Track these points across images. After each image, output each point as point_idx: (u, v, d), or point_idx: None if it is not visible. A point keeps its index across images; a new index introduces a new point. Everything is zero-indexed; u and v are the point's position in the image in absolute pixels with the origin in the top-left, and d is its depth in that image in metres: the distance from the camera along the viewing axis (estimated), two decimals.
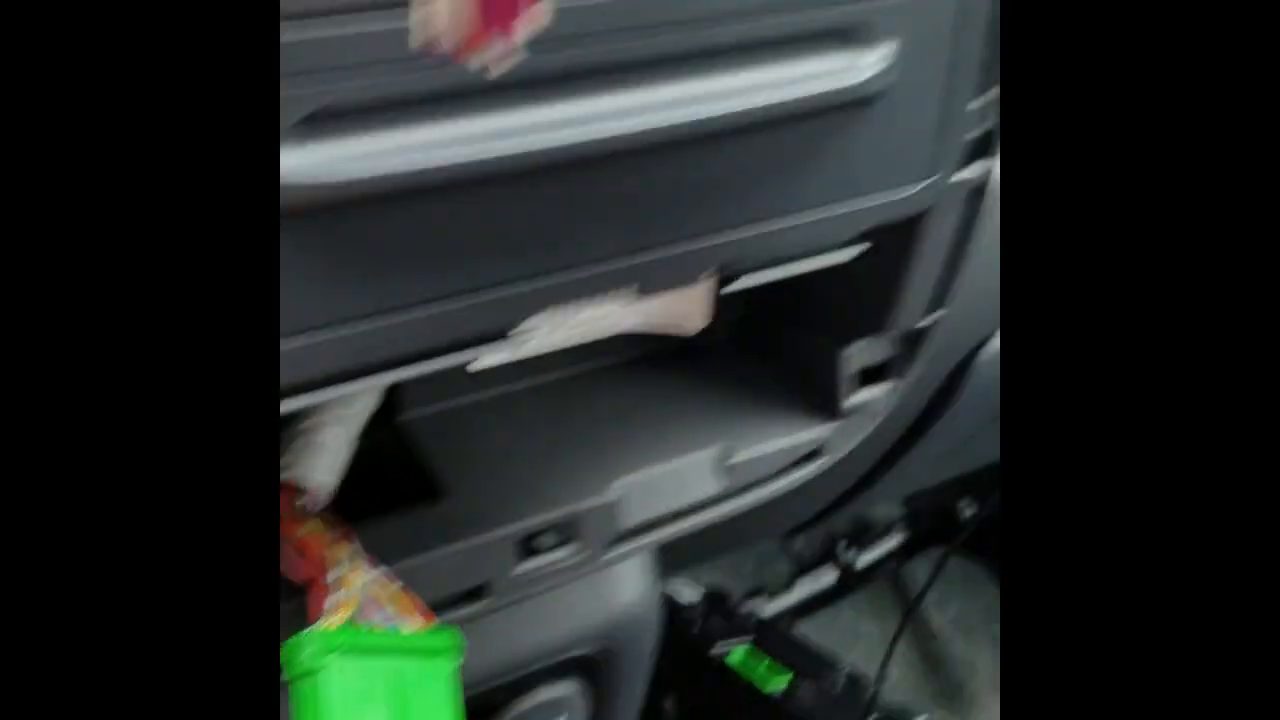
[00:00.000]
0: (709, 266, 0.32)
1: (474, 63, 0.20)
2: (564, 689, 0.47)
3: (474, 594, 0.38)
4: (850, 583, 1.12)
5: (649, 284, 0.31)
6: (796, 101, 0.30)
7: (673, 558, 0.53)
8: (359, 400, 0.39)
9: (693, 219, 0.30)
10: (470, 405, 0.43)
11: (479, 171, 0.25)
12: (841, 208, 0.33)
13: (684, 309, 0.45)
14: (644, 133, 0.28)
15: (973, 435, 0.57)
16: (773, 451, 0.43)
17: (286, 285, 0.24)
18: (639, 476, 0.41)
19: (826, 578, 1.12)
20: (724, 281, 0.35)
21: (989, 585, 1.14)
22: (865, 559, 1.13)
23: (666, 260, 0.31)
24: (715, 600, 0.95)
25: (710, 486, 0.42)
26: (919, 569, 1.15)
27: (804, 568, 1.12)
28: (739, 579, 1.11)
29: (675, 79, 0.28)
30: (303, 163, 0.23)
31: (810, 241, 0.33)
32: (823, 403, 0.44)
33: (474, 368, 0.42)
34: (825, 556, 1.12)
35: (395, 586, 0.35)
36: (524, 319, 0.30)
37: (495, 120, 0.25)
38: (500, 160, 0.25)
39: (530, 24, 0.20)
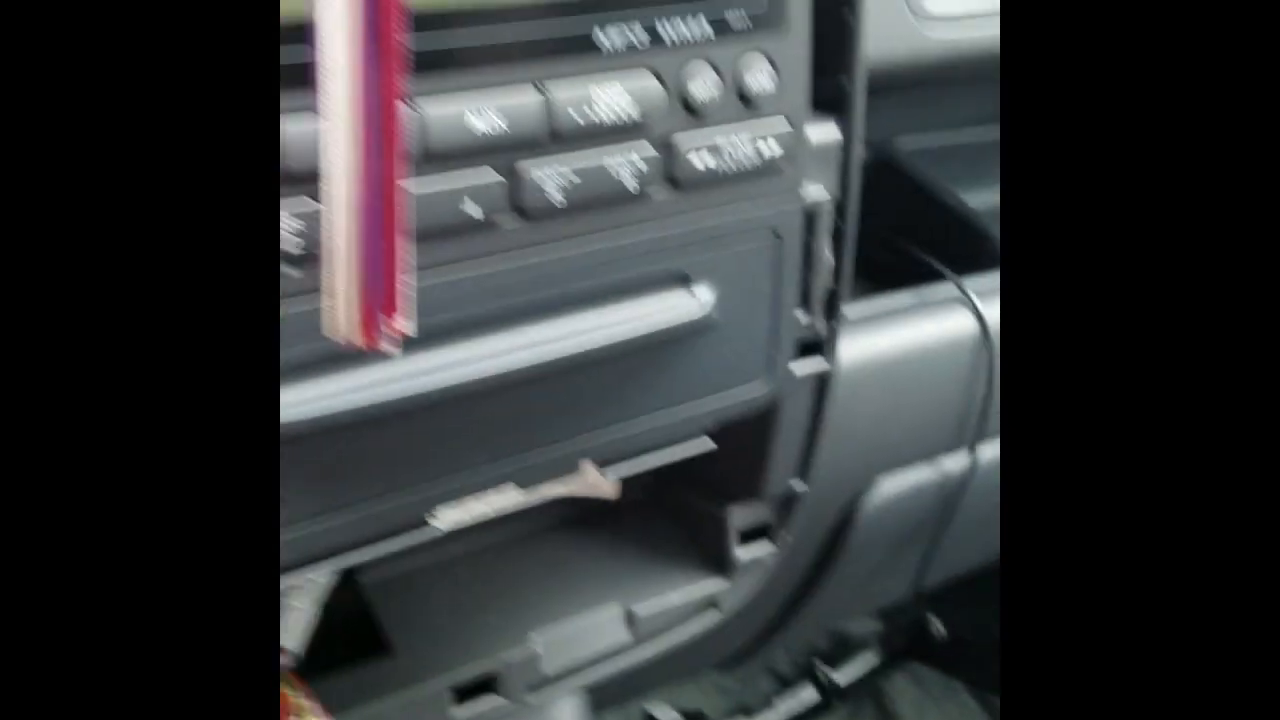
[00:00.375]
0: (574, 463, 0.40)
1: (370, 345, 0.28)
2: None
3: None
4: (831, 699, 1.16)
5: (530, 480, 0.39)
6: (649, 334, 0.38)
7: (618, 690, 0.60)
8: (318, 578, 0.46)
9: (563, 425, 0.39)
10: (418, 568, 0.51)
11: (391, 408, 0.34)
12: (689, 408, 0.41)
13: (600, 479, 0.53)
14: (517, 370, 0.36)
15: (878, 574, 0.64)
16: (674, 606, 0.50)
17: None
18: (557, 628, 0.49)
19: (807, 695, 1.15)
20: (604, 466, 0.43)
21: (967, 697, 1.17)
22: (845, 675, 1.17)
23: (544, 462, 0.39)
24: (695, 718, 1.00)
25: (620, 636, 0.50)
26: (899, 683, 1.19)
27: (785, 684, 1.16)
28: (721, 695, 1.15)
29: (548, 321, 0.37)
30: None
31: (668, 436, 0.42)
32: (716, 558, 0.51)
33: (421, 537, 0.50)
34: (805, 673, 1.16)
35: None
36: (431, 509, 0.38)
37: (399, 367, 0.34)
38: (405, 400, 0.34)
39: (402, 327, 0.28)
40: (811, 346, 0.45)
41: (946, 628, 1.06)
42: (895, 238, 0.57)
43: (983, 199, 0.60)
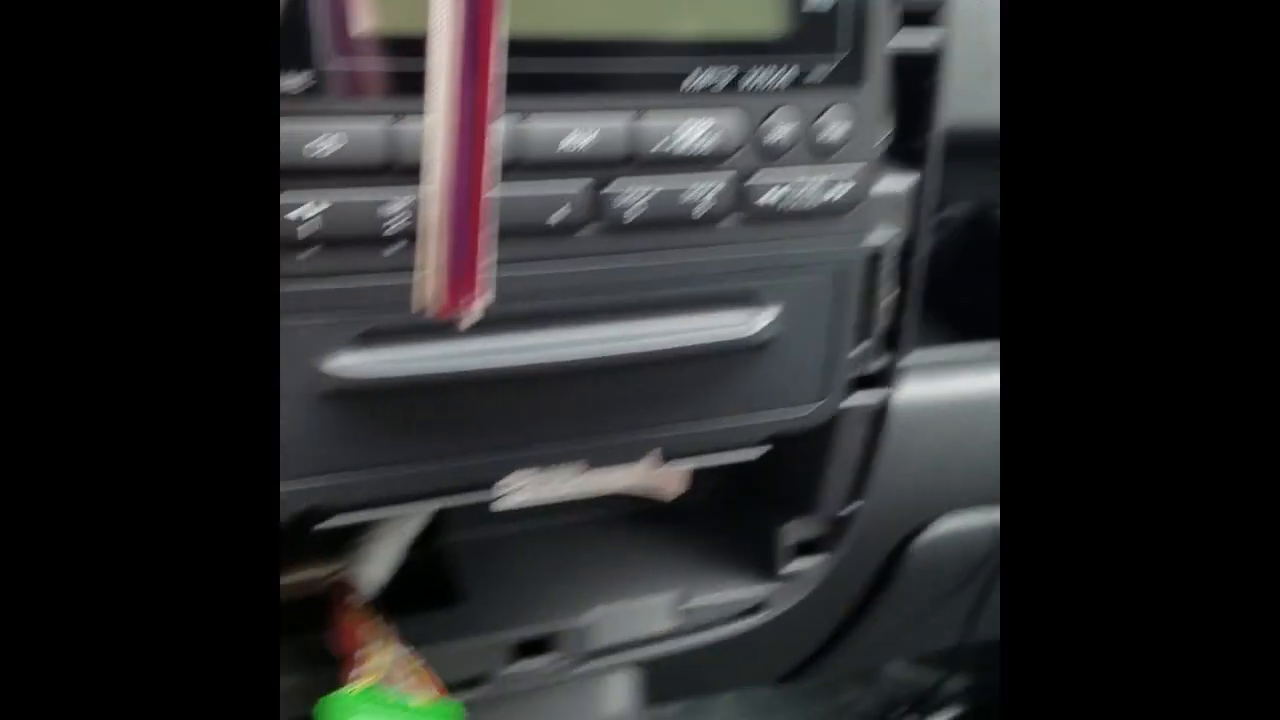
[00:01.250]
0: (641, 455, 0.45)
1: (451, 319, 0.33)
2: None
3: (476, 681, 0.51)
4: None
5: (597, 462, 0.44)
6: (705, 345, 0.43)
7: (667, 690, 0.64)
8: (406, 526, 0.52)
9: (629, 421, 0.44)
10: (493, 537, 0.57)
11: (470, 378, 0.39)
12: (744, 420, 0.45)
13: (663, 479, 0.57)
14: (593, 359, 0.41)
15: (929, 614, 0.66)
16: (723, 602, 0.54)
17: (339, 441, 0.39)
18: (612, 608, 0.53)
19: None
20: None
21: None
22: None
23: (608, 447, 0.44)
24: None
25: (668, 622, 0.54)
26: None
27: None
28: None
29: (616, 322, 0.42)
30: (354, 363, 0.38)
31: (723, 442, 0.46)
32: (765, 567, 0.55)
33: (498, 508, 0.56)
34: None
35: (418, 664, 0.48)
36: (499, 479, 0.43)
37: (481, 343, 0.39)
38: (484, 371, 0.39)
39: (483, 302, 0.33)
40: (868, 380, 0.48)
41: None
42: (982, 291, 0.59)
43: None
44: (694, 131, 0.39)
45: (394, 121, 0.35)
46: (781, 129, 0.40)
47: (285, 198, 0.35)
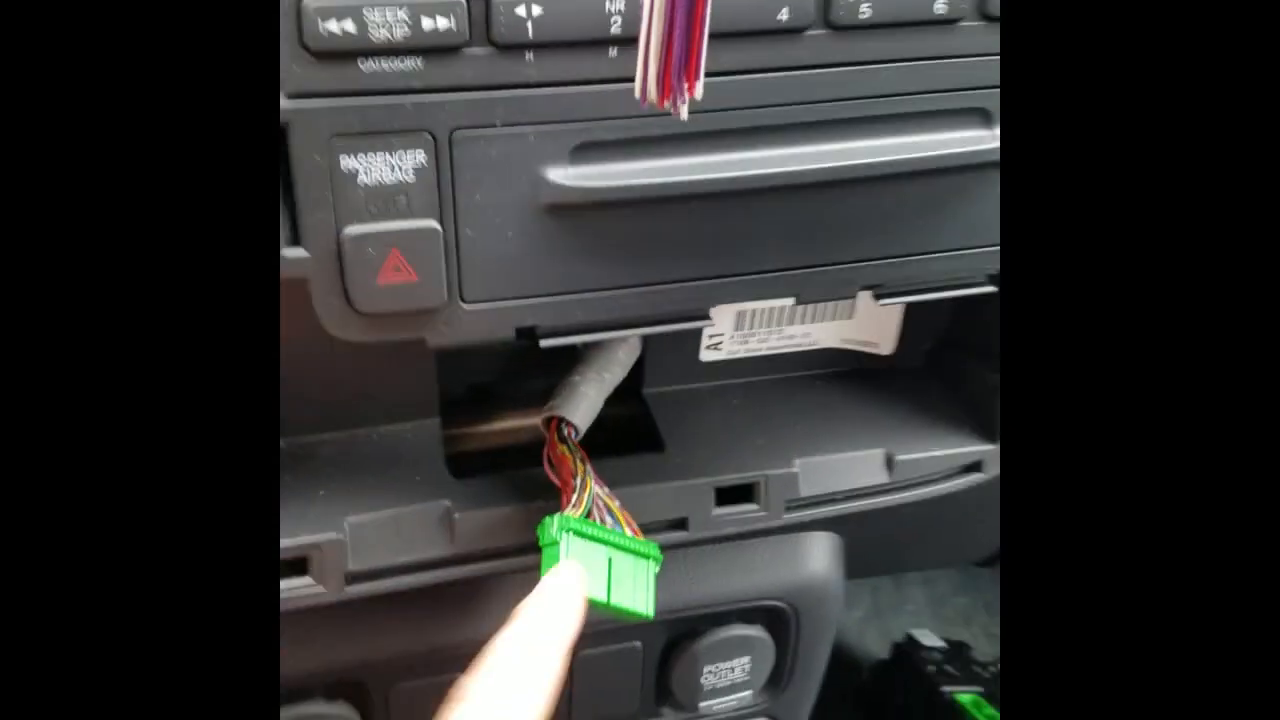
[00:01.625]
0: (855, 286, 0.43)
1: (669, 109, 0.32)
2: (753, 631, 0.58)
3: (677, 525, 0.51)
4: None
5: (806, 294, 0.43)
6: (936, 158, 0.40)
7: (862, 562, 0.62)
8: (613, 371, 0.52)
9: (845, 246, 0.42)
10: (697, 390, 0.56)
11: (678, 192, 0.38)
12: (967, 254, 0.43)
13: (875, 333, 0.55)
14: (814, 175, 0.39)
15: None
16: (936, 456, 0.52)
17: (560, 261, 0.38)
18: (817, 459, 0.52)
19: None
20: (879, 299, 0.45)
21: None
22: None
23: (819, 276, 0.42)
24: (957, 649, 1.00)
25: (878, 476, 0.52)
26: None
27: None
28: (988, 639, 1.14)
29: (841, 137, 0.40)
30: (569, 175, 0.37)
31: (942, 277, 0.43)
32: (986, 424, 0.52)
33: (708, 359, 0.55)
34: None
35: (617, 504, 0.48)
36: (711, 306, 0.42)
37: (692, 159, 0.38)
38: (692, 184, 0.38)
39: (699, 86, 0.32)
40: None
41: None
42: None
43: None
44: None
45: None
46: None
47: None
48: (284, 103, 0.34)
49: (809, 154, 0.39)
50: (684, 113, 0.31)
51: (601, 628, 0.55)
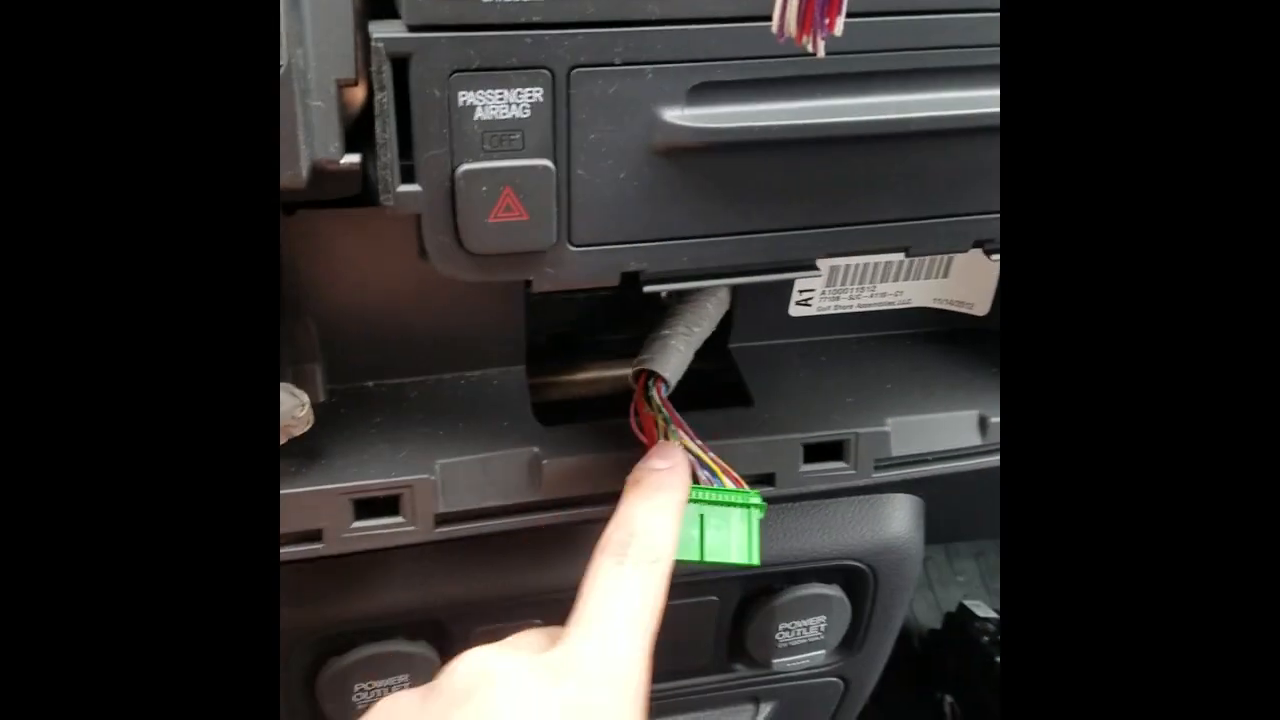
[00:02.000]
0: (969, 240, 0.42)
1: (806, 45, 0.31)
2: (830, 590, 0.58)
3: (764, 480, 0.50)
4: None
5: (918, 247, 0.41)
6: None
7: (948, 527, 0.62)
8: (702, 325, 0.52)
9: (956, 199, 0.40)
10: (784, 346, 0.55)
11: (797, 135, 0.37)
12: None
13: (970, 293, 0.54)
14: (925, 119, 0.38)
15: None
16: None
17: (670, 205, 0.38)
18: (909, 418, 0.51)
19: None
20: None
21: None
22: None
23: (932, 228, 0.41)
24: None
25: (971, 439, 0.51)
26: None
27: None
28: None
29: (954, 86, 0.38)
30: (686, 116, 0.36)
31: None
32: None
33: (797, 314, 0.54)
34: None
35: (710, 456, 0.48)
36: (819, 256, 0.41)
37: (812, 102, 0.37)
38: (812, 127, 0.37)
39: (840, 22, 0.31)
40: None
41: None
42: None
43: None
44: None
45: None
46: None
47: None
48: (405, 34, 0.33)
49: (931, 101, 0.38)
50: (821, 50, 0.30)
51: (680, 579, 0.54)
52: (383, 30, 0.33)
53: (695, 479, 0.45)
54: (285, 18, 0.32)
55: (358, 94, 0.35)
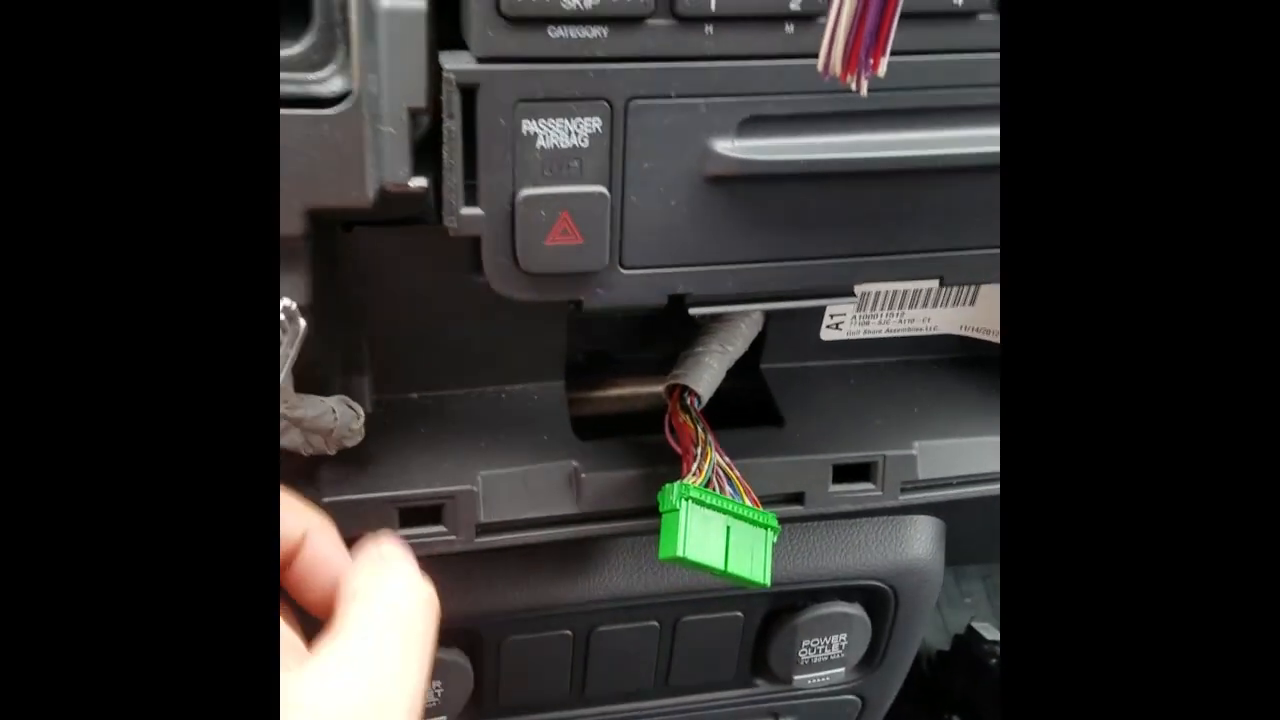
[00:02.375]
0: (997, 271, 0.43)
1: (850, 84, 0.33)
2: (852, 609, 0.59)
3: (793, 499, 0.52)
4: None
5: (951, 276, 0.43)
6: None
7: (964, 550, 0.63)
8: (735, 344, 0.53)
9: (989, 231, 0.42)
10: (814, 368, 0.57)
11: (840, 168, 0.39)
12: None
13: (995, 321, 0.55)
14: (961, 155, 0.40)
15: None
16: None
17: (716, 232, 0.39)
18: (935, 442, 0.53)
19: None
20: None
21: None
22: None
23: (966, 259, 0.43)
24: None
25: (993, 464, 0.53)
26: None
27: None
28: None
29: (988, 123, 0.40)
30: (736, 148, 0.38)
31: None
32: None
33: (828, 338, 0.56)
34: None
35: (737, 474, 0.49)
36: (857, 284, 0.43)
37: (855, 137, 0.39)
38: (855, 161, 0.39)
39: (884, 63, 0.33)
40: None
41: None
42: None
43: None
44: None
45: None
46: None
47: None
48: (474, 66, 0.35)
49: (966, 137, 0.40)
50: (864, 89, 0.32)
51: (706, 595, 0.56)
52: (453, 61, 0.35)
53: (721, 492, 0.47)
54: (359, 47, 0.34)
55: (420, 120, 0.37)
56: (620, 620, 0.55)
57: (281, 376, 0.38)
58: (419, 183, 0.36)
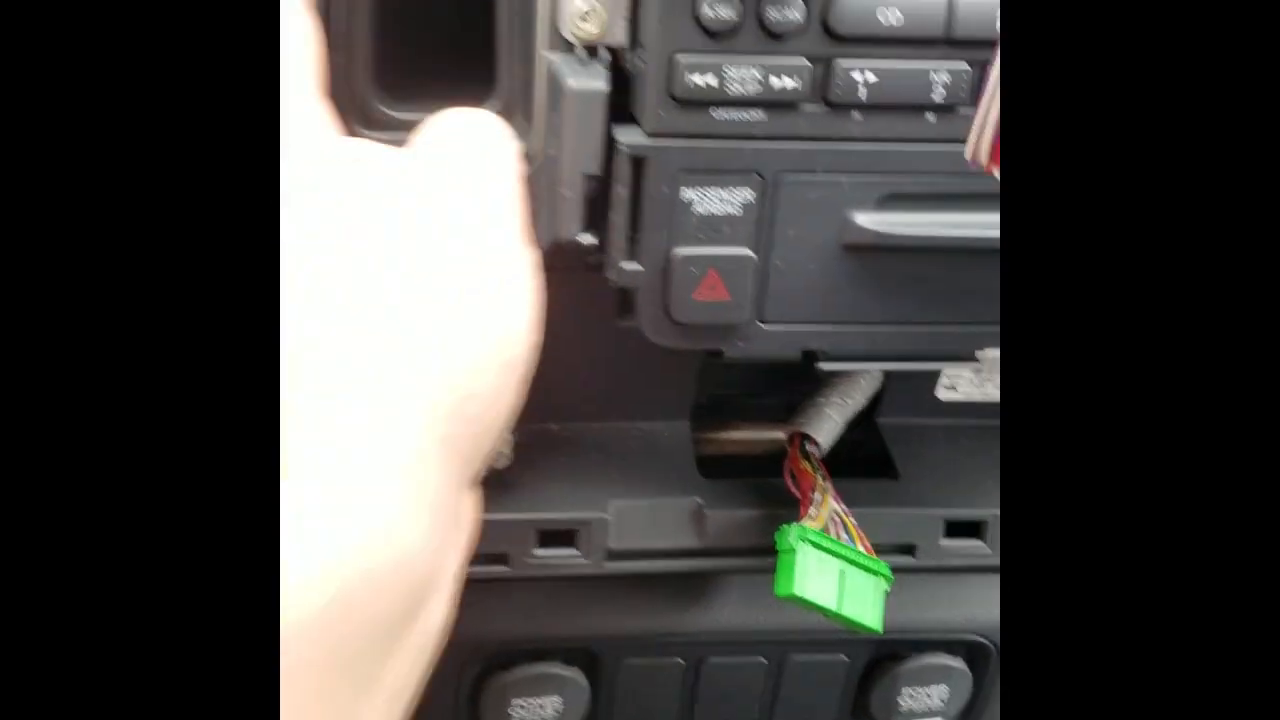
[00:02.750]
0: None
1: (995, 173, 0.36)
2: (954, 662, 0.61)
3: (905, 550, 0.54)
4: None
5: None
6: None
7: None
8: (855, 397, 0.56)
9: None
10: (928, 425, 0.59)
11: (969, 245, 0.42)
12: None
13: None
14: None
15: None
16: None
17: (851, 295, 0.43)
18: None
19: None
20: None
21: None
22: None
23: None
24: None
25: None
26: None
27: None
28: None
29: None
30: (874, 221, 0.42)
31: None
32: None
33: (945, 398, 0.59)
34: None
35: (853, 521, 0.52)
36: (977, 349, 0.46)
37: (984, 216, 0.42)
38: (983, 239, 0.42)
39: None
40: None
41: None
42: None
43: None
44: None
45: None
46: None
47: (844, 63, 0.38)
48: (645, 140, 0.39)
49: None
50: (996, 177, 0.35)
51: (812, 637, 0.58)
52: (626, 135, 0.39)
53: (837, 538, 0.50)
54: (544, 116, 0.39)
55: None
56: (730, 653, 0.58)
57: None
58: (589, 239, 0.40)
